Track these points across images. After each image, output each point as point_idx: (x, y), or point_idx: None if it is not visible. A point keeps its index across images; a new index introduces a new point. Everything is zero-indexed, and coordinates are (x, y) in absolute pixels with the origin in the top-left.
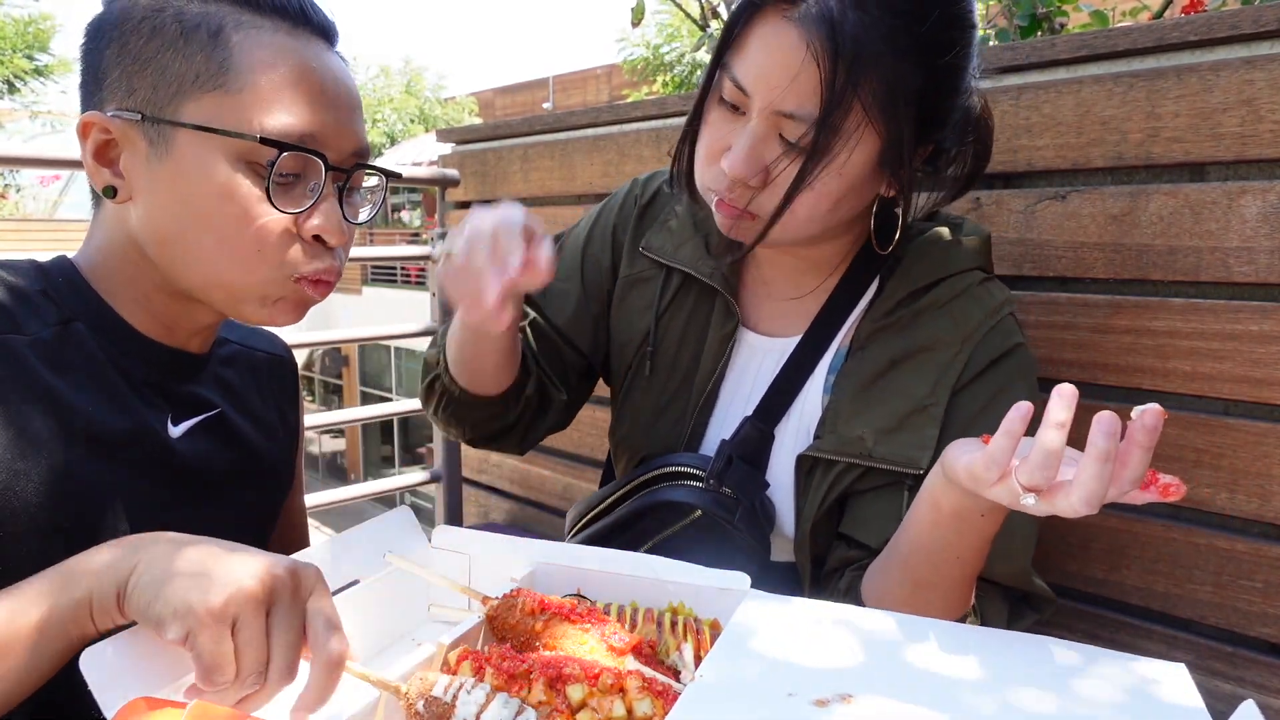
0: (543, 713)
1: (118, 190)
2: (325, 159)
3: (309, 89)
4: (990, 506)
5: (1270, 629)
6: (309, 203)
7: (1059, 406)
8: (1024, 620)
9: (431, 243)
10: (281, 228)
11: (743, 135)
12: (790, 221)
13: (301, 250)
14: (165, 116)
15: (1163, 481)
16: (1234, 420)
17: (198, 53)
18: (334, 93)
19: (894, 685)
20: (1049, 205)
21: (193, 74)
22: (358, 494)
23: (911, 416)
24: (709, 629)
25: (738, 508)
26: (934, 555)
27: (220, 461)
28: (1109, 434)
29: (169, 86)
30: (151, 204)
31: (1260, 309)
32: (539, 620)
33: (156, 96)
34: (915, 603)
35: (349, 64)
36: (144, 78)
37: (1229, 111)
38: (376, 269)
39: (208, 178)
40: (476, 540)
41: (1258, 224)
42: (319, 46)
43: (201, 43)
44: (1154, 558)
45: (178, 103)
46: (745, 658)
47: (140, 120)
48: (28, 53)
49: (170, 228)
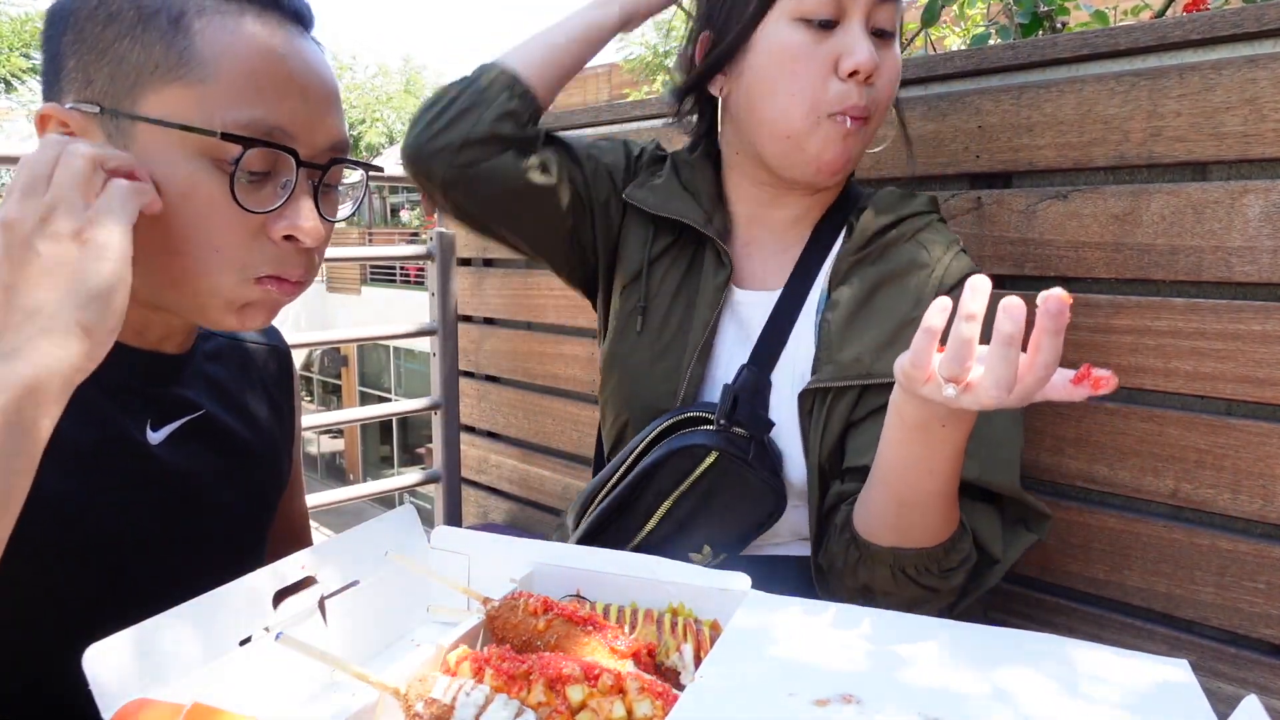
0: (542, 714)
1: None
2: (296, 154)
3: (278, 79)
4: (946, 414)
5: (1273, 630)
6: (279, 201)
7: (971, 299)
8: (1020, 541)
9: (429, 242)
10: (247, 228)
11: (855, 35)
12: (883, 113)
13: (270, 251)
14: (124, 109)
15: (1095, 375)
16: (1236, 420)
17: (157, 41)
18: (306, 82)
19: (895, 685)
20: (1050, 205)
21: (152, 64)
22: (357, 494)
23: (902, 330)
24: (709, 629)
25: (750, 445)
26: (908, 471)
27: (206, 465)
28: (1013, 319)
29: (127, 77)
30: None
31: (1263, 309)
32: (541, 620)
33: (114, 88)
34: (900, 525)
35: (325, 51)
36: (101, 68)
37: (1231, 111)
38: (376, 269)
39: (169, 173)
40: (476, 541)
41: (1260, 224)
42: (290, 32)
43: (161, 30)
44: (1156, 558)
45: (136, 94)
46: (745, 658)
47: (99, 113)
48: (24, 51)
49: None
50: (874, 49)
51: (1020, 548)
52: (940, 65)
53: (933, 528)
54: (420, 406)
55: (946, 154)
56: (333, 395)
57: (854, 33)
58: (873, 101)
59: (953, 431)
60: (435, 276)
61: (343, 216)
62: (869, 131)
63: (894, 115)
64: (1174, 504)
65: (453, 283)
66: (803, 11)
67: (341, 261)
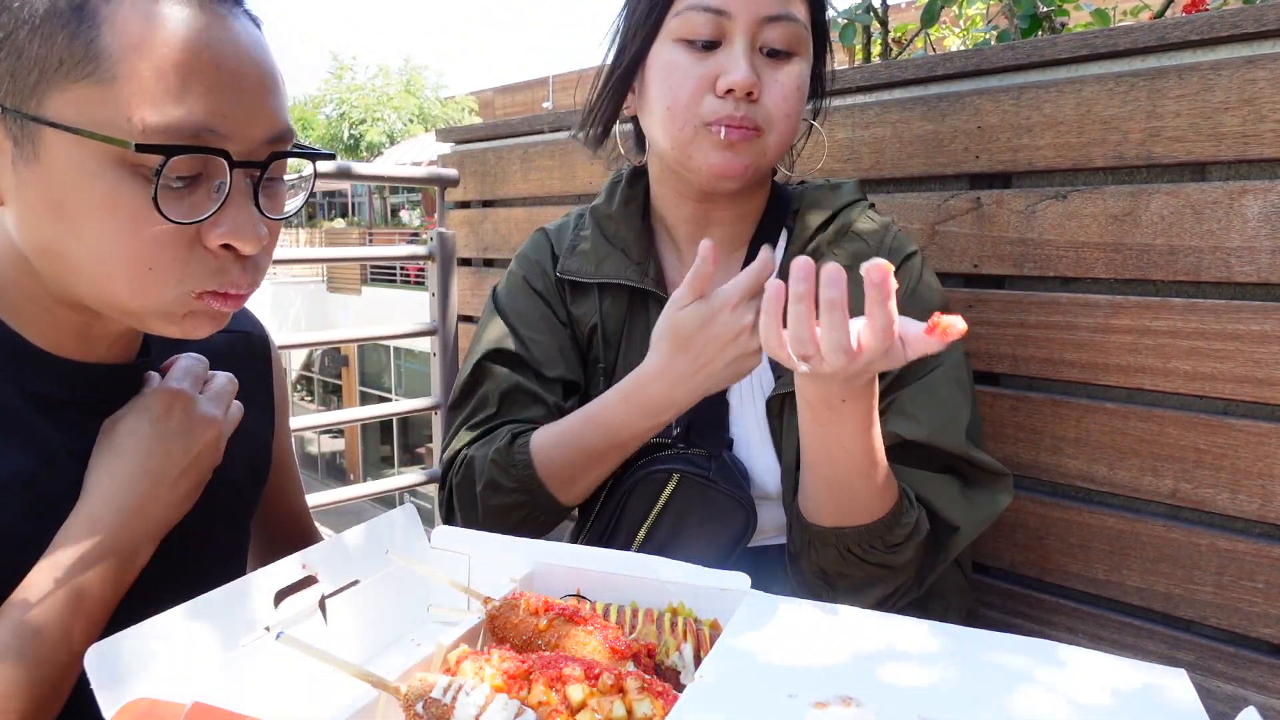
0: (542, 713)
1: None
2: (228, 155)
3: (201, 69)
4: (842, 389)
5: (1272, 630)
6: (213, 208)
7: (796, 280)
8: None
9: (429, 242)
10: (179, 240)
11: (735, 52)
12: (786, 127)
13: (208, 264)
14: (28, 111)
15: (943, 324)
16: (1235, 420)
17: (59, 31)
18: (235, 70)
19: (894, 688)
20: (1050, 205)
21: (55, 59)
22: (357, 494)
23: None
24: (709, 629)
25: (710, 463)
26: (824, 451)
27: None
28: (832, 284)
29: (29, 73)
30: (24, 211)
31: (1261, 309)
32: (541, 620)
33: (16, 86)
34: (834, 505)
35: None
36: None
37: (1230, 111)
38: (376, 269)
39: (85, 186)
40: (476, 540)
41: (1259, 224)
42: (216, 11)
43: (64, 19)
44: (1155, 558)
45: (41, 94)
46: (745, 659)
47: (2, 114)
48: None
49: (47, 240)
50: (754, 68)
51: (984, 512)
52: (940, 66)
53: (866, 504)
54: (420, 406)
55: (946, 154)
56: (333, 395)
57: (732, 53)
58: (761, 117)
59: (854, 406)
60: (435, 276)
61: (290, 211)
62: (766, 145)
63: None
64: (1173, 504)
65: (453, 283)
66: (684, 33)
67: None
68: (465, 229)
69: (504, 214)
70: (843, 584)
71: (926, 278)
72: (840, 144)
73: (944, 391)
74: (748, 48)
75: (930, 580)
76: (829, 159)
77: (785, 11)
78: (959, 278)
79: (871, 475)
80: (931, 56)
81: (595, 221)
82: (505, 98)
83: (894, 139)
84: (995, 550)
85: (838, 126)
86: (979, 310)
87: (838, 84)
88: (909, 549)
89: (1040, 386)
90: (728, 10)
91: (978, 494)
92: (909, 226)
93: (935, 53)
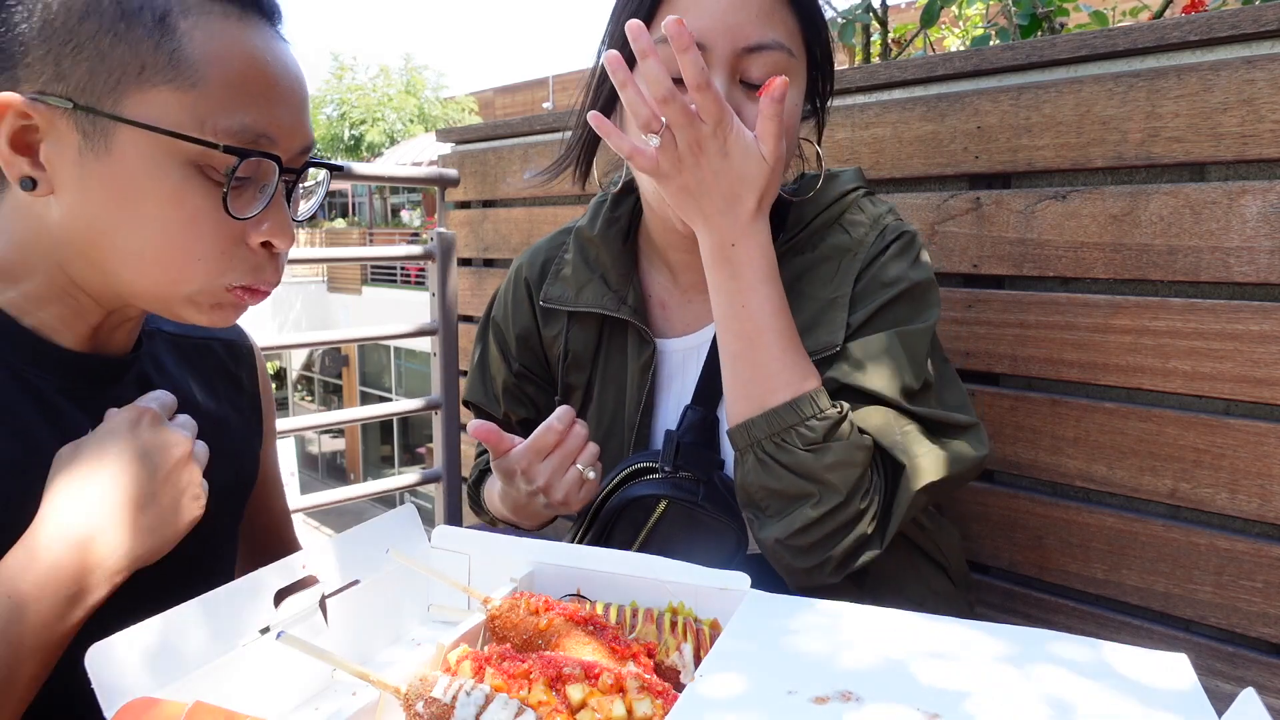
0: (542, 713)
1: (37, 182)
2: (280, 161)
3: (262, 84)
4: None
5: (1271, 629)
6: (260, 207)
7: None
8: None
9: (429, 242)
10: (230, 235)
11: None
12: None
13: (248, 261)
14: (105, 109)
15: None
16: (1234, 420)
17: (143, 40)
18: (286, 86)
19: (894, 682)
20: (1049, 205)
21: (138, 64)
22: (358, 494)
23: (823, 312)
24: (709, 629)
25: (699, 487)
26: (728, 314)
27: None
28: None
29: (109, 75)
30: (81, 201)
31: (1260, 309)
32: (541, 620)
33: (94, 85)
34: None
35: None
36: (78, 62)
37: (1229, 111)
38: (376, 269)
39: (157, 180)
40: (476, 540)
41: (1258, 224)
42: (266, 32)
43: (147, 28)
44: (1154, 558)
45: (120, 94)
46: (745, 657)
47: (72, 109)
48: None
49: (103, 228)
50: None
51: (949, 458)
52: (939, 66)
53: (773, 378)
54: (420, 406)
55: (945, 154)
56: (333, 395)
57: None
58: None
59: (746, 250)
60: (436, 276)
61: (305, 214)
62: None
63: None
64: (1172, 503)
65: (453, 283)
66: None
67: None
68: (465, 229)
69: (504, 214)
70: (769, 507)
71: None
72: (840, 144)
73: (892, 347)
74: (726, 84)
75: (891, 529)
76: (828, 159)
77: (768, 40)
78: (959, 278)
79: (776, 343)
80: (931, 57)
81: (578, 245)
82: (505, 98)
83: (894, 139)
84: (995, 550)
85: (838, 127)
86: (979, 310)
87: (838, 84)
88: (830, 451)
89: (1040, 386)
90: (704, 43)
91: (939, 441)
92: None
93: (935, 53)
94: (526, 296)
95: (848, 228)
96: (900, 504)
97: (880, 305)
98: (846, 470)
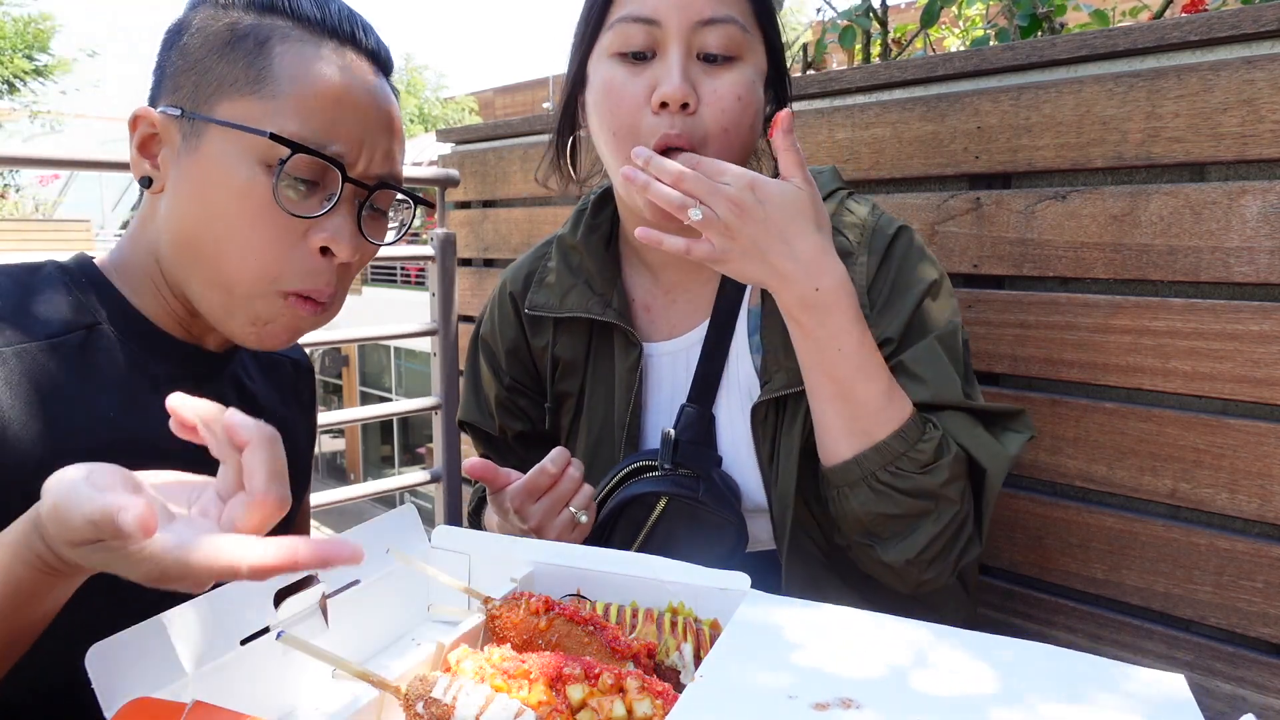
0: (542, 713)
1: (153, 180)
2: (343, 168)
3: (340, 101)
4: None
5: (1271, 629)
6: (321, 211)
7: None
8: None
9: (430, 242)
10: (288, 236)
11: (669, 63)
12: (727, 141)
13: (305, 263)
14: (200, 113)
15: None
16: (1234, 420)
17: (241, 58)
18: (367, 108)
19: (893, 690)
20: (1049, 205)
21: (232, 77)
22: (358, 494)
23: None
24: (709, 629)
25: (699, 484)
26: (820, 361)
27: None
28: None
29: (209, 86)
30: (176, 196)
31: (1260, 309)
32: (541, 620)
33: (197, 95)
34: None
35: (398, 97)
36: (189, 77)
37: (1229, 111)
38: (376, 269)
39: (229, 174)
40: (476, 540)
41: (1258, 224)
42: (363, 68)
43: (247, 50)
44: (1154, 558)
45: (214, 102)
46: (745, 659)
47: (180, 115)
48: (27, 53)
49: (187, 221)
50: (689, 78)
51: (1010, 446)
52: (939, 66)
53: (876, 414)
54: (421, 406)
55: (945, 155)
56: (333, 395)
57: (666, 63)
58: (697, 129)
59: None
60: (436, 276)
61: (387, 241)
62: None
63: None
64: (1172, 503)
65: (453, 283)
66: (616, 47)
67: None
68: (465, 229)
69: (504, 214)
70: (887, 531)
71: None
72: (840, 144)
73: (936, 354)
74: (683, 56)
75: (985, 524)
76: (828, 159)
77: (721, 14)
78: (959, 278)
79: (874, 377)
80: (931, 57)
81: (561, 252)
82: (505, 98)
83: (894, 139)
84: (995, 550)
85: (838, 127)
86: (979, 310)
87: (838, 84)
88: (943, 469)
89: (1040, 386)
90: (658, 19)
91: (997, 432)
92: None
93: (935, 53)
94: (513, 310)
95: (841, 230)
96: (989, 500)
97: (912, 311)
98: (957, 481)
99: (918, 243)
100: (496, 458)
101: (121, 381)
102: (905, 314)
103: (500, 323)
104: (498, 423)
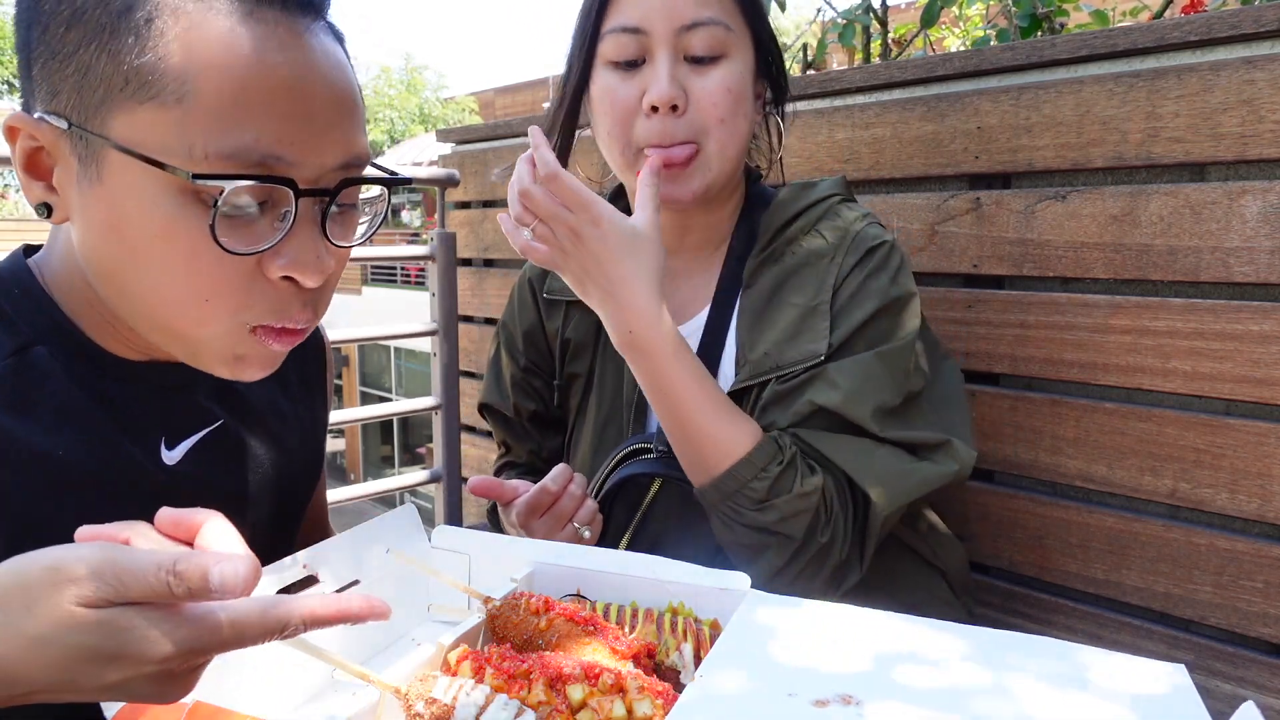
0: (542, 713)
1: (53, 208)
2: (294, 184)
3: (271, 92)
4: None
5: (1271, 629)
6: (275, 238)
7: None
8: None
9: (430, 242)
10: (238, 271)
11: (657, 68)
12: (723, 132)
13: (269, 297)
14: (92, 129)
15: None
16: (1234, 420)
17: (126, 50)
18: (308, 92)
19: (894, 686)
20: (1049, 205)
21: (121, 77)
22: (358, 494)
23: (804, 320)
24: (709, 629)
25: None
26: (656, 392)
27: (227, 479)
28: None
29: (94, 91)
30: (86, 231)
31: (1260, 309)
32: (541, 620)
33: (82, 102)
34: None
35: (343, 41)
36: (66, 76)
37: (1229, 111)
38: (376, 269)
39: (145, 212)
40: (476, 540)
41: (1258, 224)
42: (292, 29)
43: (132, 35)
44: (1154, 558)
45: (105, 113)
46: (745, 658)
47: (68, 129)
48: None
49: (106, 263)
50: (677, 80)
51: (917, 482)
52: (939, 66)
53: (714, 447)
54: (421, 406)
55: (945, 155)
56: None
57: (655, 69)
58: (694, 129)
59: (643, 338)
60: (436, 276)
61: (358, 239)
62: (708, 158)
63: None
64: (1172, 503)
65: (453, 283)
66: (610, 56)
67: None
68: (466, 229)
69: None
70: (739, 555)
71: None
72: (840, 144)
73: (872, 369)
74: (670, 61)
75: (868, 553)
76: (828, 159)
77: (704, 17)
78: (959, 278)
79: (702, 413)
80: (931, 57)
81: None
82: (505, 98)
83: (894, 139)
84: (995, 550)
85: (838, 127)
86: (979, 310)
87: (838, 84)
88: (775, 508)
89: (1040, 386)
90: (645, 28)
91: (908, 461)
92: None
93: (935, 53)
94: (530, 295)
95: (824, 233)
96: (872, 531)
97: (861, 323)
98: (796, 519)
99: (896, 260)
100: (513, 441)
101: (65, 410)
102: (853, 324)
103: (519, 308)
104: (512, 400)
